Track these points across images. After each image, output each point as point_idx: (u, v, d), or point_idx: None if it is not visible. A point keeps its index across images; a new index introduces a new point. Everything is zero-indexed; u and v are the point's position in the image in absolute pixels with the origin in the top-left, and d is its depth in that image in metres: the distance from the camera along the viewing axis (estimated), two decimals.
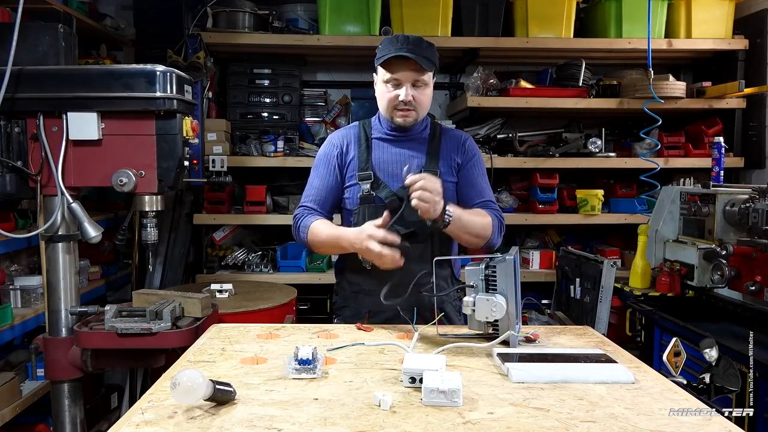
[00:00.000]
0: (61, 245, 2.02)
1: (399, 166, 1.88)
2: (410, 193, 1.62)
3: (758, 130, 3.47)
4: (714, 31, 3.49)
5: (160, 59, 2.95)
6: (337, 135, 2.02)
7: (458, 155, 1.94)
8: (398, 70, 1.81)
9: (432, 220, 1.68)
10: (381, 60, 1.82)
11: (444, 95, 3.99)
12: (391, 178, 1.89)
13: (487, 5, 3.44)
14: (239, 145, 3.52)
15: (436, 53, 1.86)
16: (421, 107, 1.87)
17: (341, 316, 1.99)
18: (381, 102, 1.90)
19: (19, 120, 1.95)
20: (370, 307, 1.91)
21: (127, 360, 2.07)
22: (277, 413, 1.12)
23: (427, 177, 1.64)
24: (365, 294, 1.91)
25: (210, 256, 3.53)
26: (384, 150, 1.93)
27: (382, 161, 1.91)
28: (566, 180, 3.77)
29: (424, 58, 1.79)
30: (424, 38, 1.84)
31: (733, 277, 2.31)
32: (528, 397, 1.21)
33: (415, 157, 1.91)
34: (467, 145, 1.98)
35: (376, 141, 1.95)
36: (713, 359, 1.64)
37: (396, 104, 1.84)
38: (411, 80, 1.82)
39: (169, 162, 1.96)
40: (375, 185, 1.88)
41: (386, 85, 1.85)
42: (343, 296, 2.00)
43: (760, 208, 2.27)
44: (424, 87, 1.85)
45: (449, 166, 1.93)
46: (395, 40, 1.81)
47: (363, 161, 1.91)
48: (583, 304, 2.70)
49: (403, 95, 1.82)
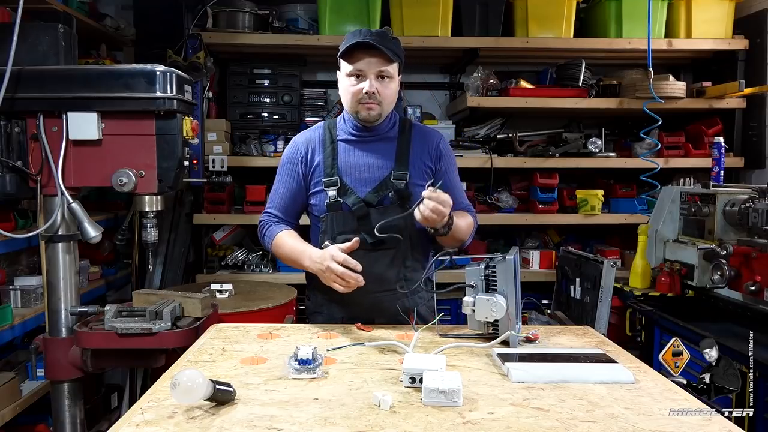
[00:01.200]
0: (61, 245, 2.02)
1: (366, 170, 1.84)
2: (420, 201, 1.59)
3: (758, 130, 3.48)
4: (714, 31, 3.49)
5: (160, 59, 2.95)
6: (301, 138, 1.93)
7: (431, 159, 1.88)
8: (361, 59, 1.75)
9: (434, 229, 1.68)
10: (343, 49, 1.76)
11: (444, 95, 3.99)
12: (358, 182, 1.82)
13: (487, 5, 3.44)
14: (239, 145, 3.52)
15: (400, 47, 1.80)
16: (386, 101, 1.80)
17: (314, 321, 1.92)
18: (345, 97, 1.83)
19: (19, 120, 1.95)
20: (343, 314, 1.86)
21: (127, 360, 2.07)
22: (277, 413, 1.12)
23: (442, 193, 1.59)
24: (336, 303, 1.87)
25: (210, 256, 3.53)
26: (350, 153, 1.86)
27: (348, 165, 1.84)
28: (566, 180, 3.77)
29: (388, 48, 1.73)
30: (389, 31, 1.80)
31: (733, 277, 2.32)
32: (528, 397, 1.21)
33: (383, 159, 1.84)
34: (441, 147, 1.91)
35: (341, 143, 1.87)
36: (713, 359, 1.64)
37: (360, 98, 1.77)
38: (375, 71, 1.75)
39: (169, 162, 1.96)
40: (342, 191, 1.81)
41: (349, 79, 1.79)
42: (314, 302, 1.94)
43: (760, 208, 2.27)
44: (389, 80, 1.78)
45: (420, 170, 1.86)
46: (358, 33, 1.76)
47: (329, 166, 1.84)
48: (583, 304, 2.70)
49: (368, 87, 1.75)
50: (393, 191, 1.80)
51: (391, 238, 1.75)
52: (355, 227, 1.79)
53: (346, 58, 1.78)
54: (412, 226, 1.81)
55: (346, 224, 1.80)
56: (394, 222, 1.69)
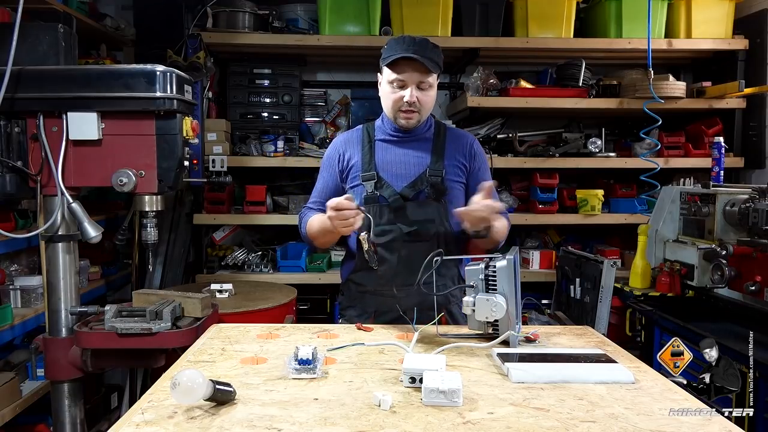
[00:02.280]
0: (61, 245, 2.02)
1: (403, 167, 1.91)
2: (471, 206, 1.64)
3: (758, 130, 3.47)
4: (714, 31, 3.49)
5: (160, 59, 2.95)
6: (340, 139, 2.04)
7: (465, 158, 1.95)
8: (404, 71, 1.82)
9: (476, 231, 1.71)
10: (387, 60, 1.82)
11: (444, 95, 3.98)
12: (394, 178, 1.90)
13: (487, 5, 3.44)
14: (239, 145, 3.52)
15: (441, 55, 1.86)
16: (425, 109, 1.88)
17: (346, 316, 1.99)
18: (385, 102, 1.91)
19: (19, 120, 1.95)
20: (375, 307, 1.92)
21: (127, 360, 2.07)
22: (277, 413, 1.12)
23: (492, 201, 1.64)
24: (371, 294, 1.93)
25: (210, 256, 3.53)
26: (387, 151, 1.94)
27: (385, 162, 1.92)
28: (566, 180, 3.77)
29: (430, 59, 1.79)
30: (430, 40, 1.84)
31: (733, 277, 2.32)
32: (528, 397, 1.21)
33: (419, 156, 1.92)
34: (475, 148, 1.99)
35: (379, 142, 1.96)
36: (713, 359, 1.64)
37: (400, 105, 1.86)
38: (416, 82, 1.83)
39: (169, 162, 1.96)
40: (378, 185, 1.89)
41: (391, 86, 1.86)
42: (348, 296, 2.00)
43: (760, 208, 2.27)
44: (428, 89, 1.86)
45: (455, 166, 1.93)
46: (401, 41, 1.81)
47: (366, 162, 1.92)
48: (583, 304, 2.70)
49: (408, 96, 1.83)
50: (429, 185, 1.87)
51: (424, 229, 1.83)
52: (392, 219, 1.85)
53: (389, 66, 1.83)
54: (448, 223, 1.87)
55: (383, 216, 1.86)
56: (398, 205, 1.81)
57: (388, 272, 1.86)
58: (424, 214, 1.87)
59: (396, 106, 1.87)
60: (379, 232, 1.84)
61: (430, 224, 1.86)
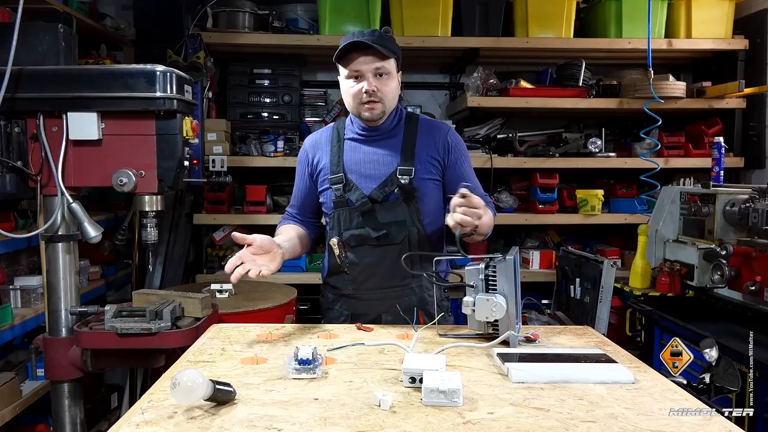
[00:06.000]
0: (61, 245, 2.02)
1: (372, 166, 1.86)
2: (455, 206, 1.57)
3: (758, 130, 3.48)
4: (714, 31, 3.49)
5: (160, 59, 2.95)
6: (309, 141, 1.99)
7: (439, 152, 1.87)
8: (357, 61, 1.76)
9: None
10: (338, 54, 1.77)
11: (444, 95, 3.99)
12: (363, 179, 1.85)
13: (487, 5, 3.44)
14: (239, 145, 3.52)
15: (395, 43, 1.82)
16: (387, 98, 1.81)
17: (326, 317, 1.98)
18: (347, 100, 1.85)
19: (19, 120, 1.95)
20: (351, 310, 1.91)
21: (127, 360, 2.07)
22: (277, 413, 1.12)
23: (473, 197, 1.56)
24: (347, 297, 1.91)
25: (210, 256, 3.53)
26: (356, 150, 1.89)
27: (353, 162, 1.87)
28: (566, 180, 3.77)
29: (381, 45, 1.74)
30: (388, 32, 1.84)
31: (733, 277, 2.32)
32: (528, 397, 1.21)
33: (389, 155, 1.86)
34: (450, 138, 1.90)
35: (347, 141, 1.91)
36: (713, 359, 1.64)
37: (361, 97, 1.79)
38: (372, 70, 1.76)
39: (169, 162, 1.96)
40: (346, 188, 1.84)
41: (349, 81, 1.81)
42: (327, 300, 1.99)
43: (760, 208, 2.27)
44: (387, 77, 1.79)
45: (427, 162, 1.86)
46: (350, 36, 1.78)
47: (334, 164, 1.87)
48: (583, 304, 2.70)
49: (366, 86, 1.77)
50: (397, 187, 1.82)
51: (394, 232, 1.79)
52: (361, 223, 1.83)
53: (342, 62, 1.80)
54: (420, 223, 1.84)
55: (352, 220, 1.84)
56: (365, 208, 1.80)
57: (359, 276, 1.86)
58: (393, 216, 1.82)
59: (357, 99, 1.79)
60: (349, 236, 1.82)
61: (400, 226, 1.81)
